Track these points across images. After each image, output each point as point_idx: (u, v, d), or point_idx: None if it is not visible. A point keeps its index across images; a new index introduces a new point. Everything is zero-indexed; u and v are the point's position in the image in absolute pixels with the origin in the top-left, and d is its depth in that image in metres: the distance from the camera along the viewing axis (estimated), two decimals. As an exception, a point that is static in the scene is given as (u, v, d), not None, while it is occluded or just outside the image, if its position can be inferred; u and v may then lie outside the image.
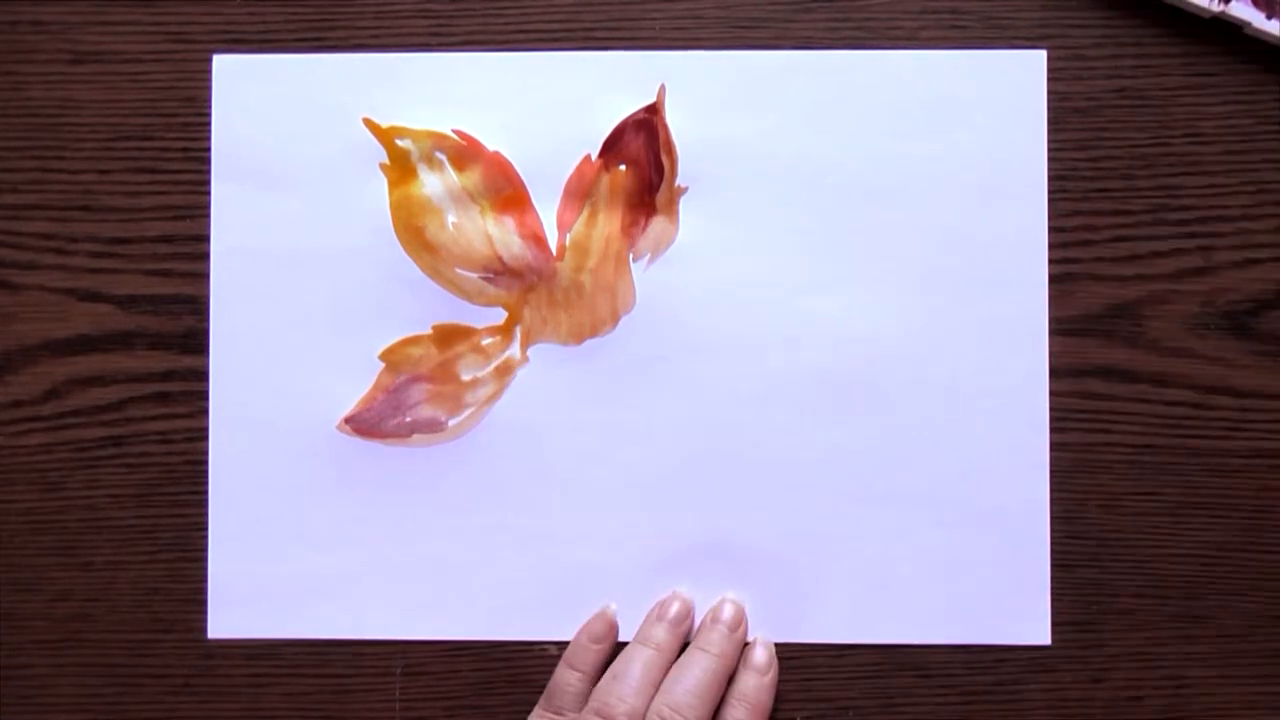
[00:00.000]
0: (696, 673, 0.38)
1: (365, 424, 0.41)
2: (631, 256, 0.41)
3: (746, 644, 0.40)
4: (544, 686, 0.39)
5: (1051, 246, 0.40)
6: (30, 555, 0.41)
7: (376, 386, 0.41)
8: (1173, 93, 0.41)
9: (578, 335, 0.41)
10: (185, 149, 0.41)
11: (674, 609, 0.40)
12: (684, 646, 0.40)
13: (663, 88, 0.41)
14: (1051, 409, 0.40)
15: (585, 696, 0.39)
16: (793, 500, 0.40)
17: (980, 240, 0.40)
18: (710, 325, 0.41)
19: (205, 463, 0.41)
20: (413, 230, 0.41)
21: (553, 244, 0.41)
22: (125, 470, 0.41)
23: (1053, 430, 0.40)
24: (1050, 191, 0.40)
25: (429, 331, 0.41)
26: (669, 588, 0.41)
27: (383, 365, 0.41)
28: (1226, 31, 0.40)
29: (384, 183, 0.41)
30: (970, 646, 0.40)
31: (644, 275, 0.41)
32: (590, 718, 0.37)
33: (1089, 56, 0.41)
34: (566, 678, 0.39)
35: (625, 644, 0.40)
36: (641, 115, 0.41)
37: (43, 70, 0.42)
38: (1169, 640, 0.40)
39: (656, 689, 0.38)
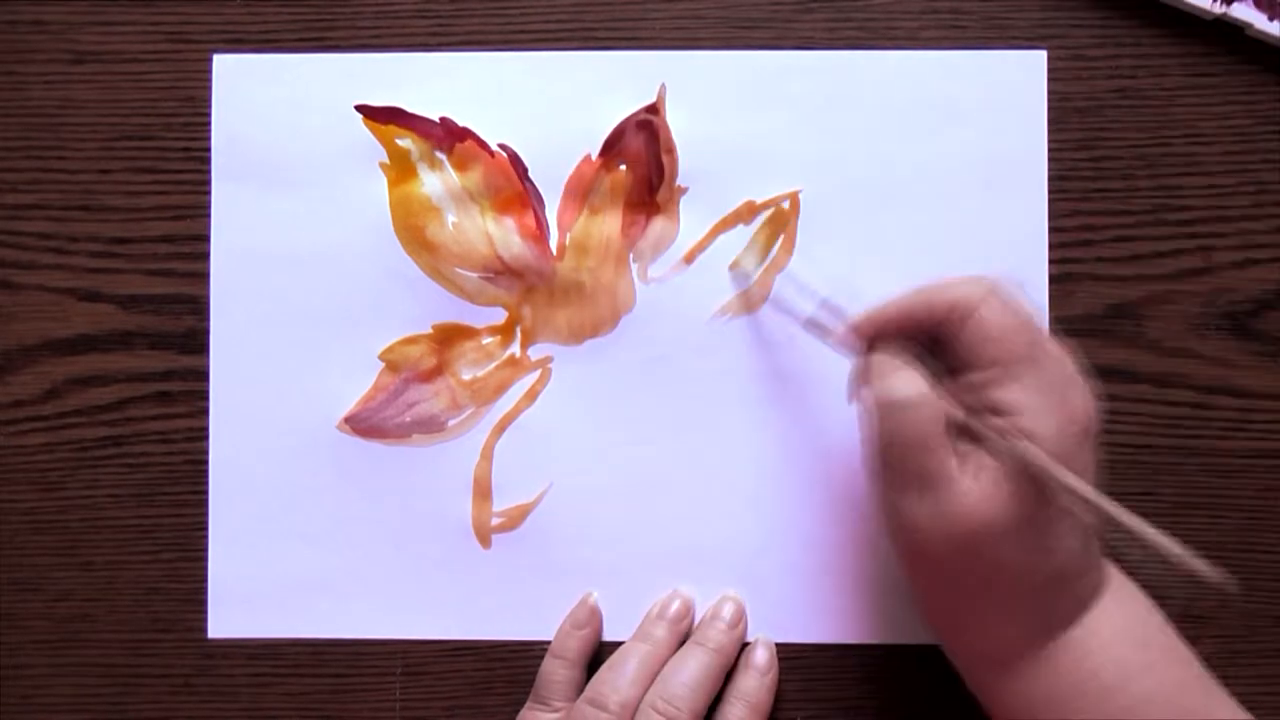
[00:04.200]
0: (692, 666, 0.38)
1: (365, 424, 0.41)
2: (631, 256, 0.41)
3: (746, 644, 0.40)
4: (544, 686, 0.40)
5: (1051, 246, 0.40)
6: (30, 555, 0.41)
7: (376, 386, 0.41)
8: (1173, 93, 0.41)
9: (578, 335, 0.41)
10: (185, 149, 0.41)
11: (674, 607, 0.40)
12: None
13: (663, 88, 0.41)
14: (1051, 409, 0.40)
15: (573, 684, 0.39)
16: (793, 500, 0.40)
17: (980, 240, 0.40)
18: (710, 325, 0.41)
19: (205, 463, 0.41)
20: (412, 230, 0.41)
21: (553, 244, 0.41)
22: (125, 470, 0.41)
23: (1053, 430, 0.40)
24: (1050, 191, 0.40)
25: (429, 331, 0.41)
26: (668, 587, 0.41)
27: (383, 365, 0.41)
28: (1227, 32, 0.40)
29: (384, 182, 0.41)
30: (970, 646, 0.40)
31: (645, 279, 0.41)
32: (583, 706, 0.37)
33: (1089, 56, 0.41)
34: (552, 667, 0.39)
35: (617, 642, 0.40)
36: (642, 115, 0.41)
37: (43, 70, 0.42)
38: (1169, 640, 0.40)
39: (652, 682, 0.38)
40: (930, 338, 0.34)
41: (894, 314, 0.35)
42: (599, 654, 0.40)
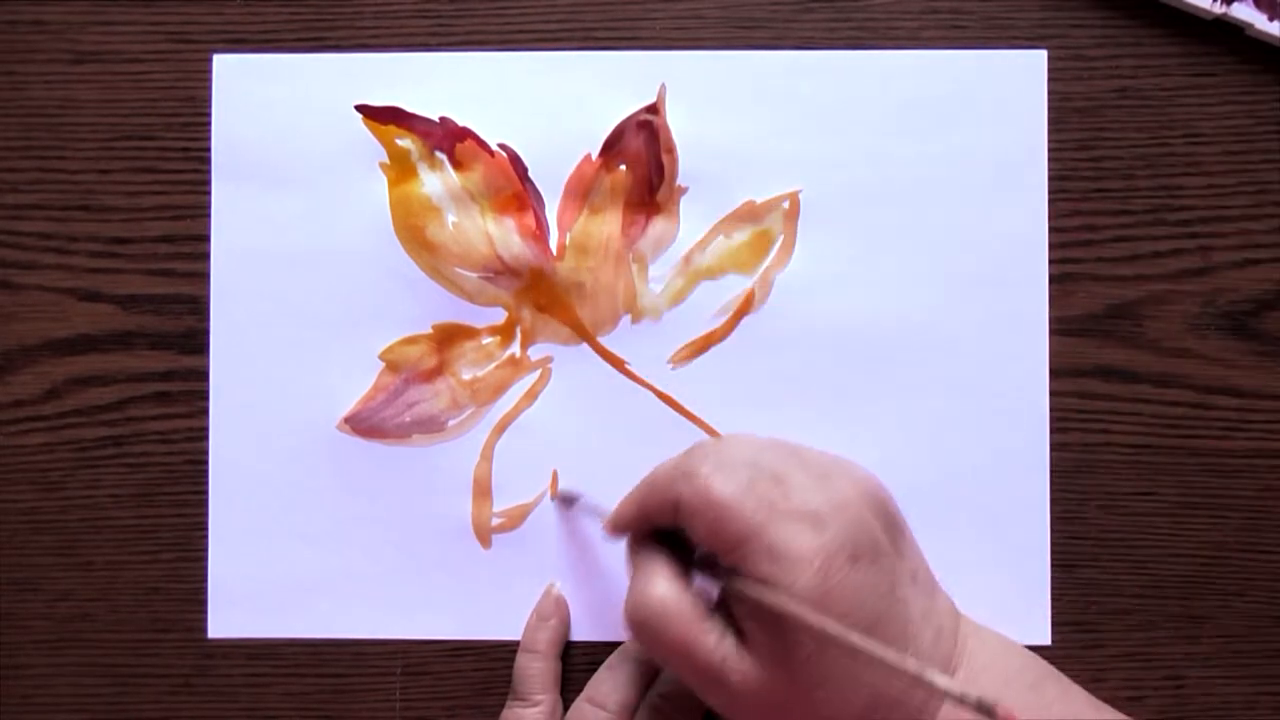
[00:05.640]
0: None
1: (365, 424, 0.41)
2: (631, 256, 0.41)
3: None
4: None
5: (1051, 246, 0.40)
6: (30, 555, 0.41)
7: (376, 386, 0.41)
8: (1173, 93, 0.41)
9: (578, 335, 0.41)
10: (185, 149, 0.41)
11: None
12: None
13: (663, 87, 0.41)
14: (1051, 409, 0.40)
15: (549, 675, 0.39)
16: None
17: (980, 240, 0.40)
18: (710, 325, 0.41)
19: (205, 463, 0.41)
20: (412, 229, 0.41)
21: (553, 244, 0.41)
22: (125, 470, 0.41)
23: (1053, 430, 0.40)
24: (1050, 191, 0.40)
25: (429, 331, 0.41)
26: (669, 588, 0.40)
27: (383, 365, 0.41)
28: (1227, 31, 0.40)
29: (384, 182, 0.41)
30: (970, 646, 0.40)
31: (645, 279, 0.41)
32: (583, 705, 0.37)
33: (1089, 56, 0.41)
34: (525, 661, 0.39)
35: (616, 642, 0.40)
36: (642, 115, 0.41)
37: (43, 70, 0.42)
38: (1169, 640, 0.40)
39: (652, 682, 0.38)
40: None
41: (633, 513, 0.35)
42: (568, 652, 0.40)
